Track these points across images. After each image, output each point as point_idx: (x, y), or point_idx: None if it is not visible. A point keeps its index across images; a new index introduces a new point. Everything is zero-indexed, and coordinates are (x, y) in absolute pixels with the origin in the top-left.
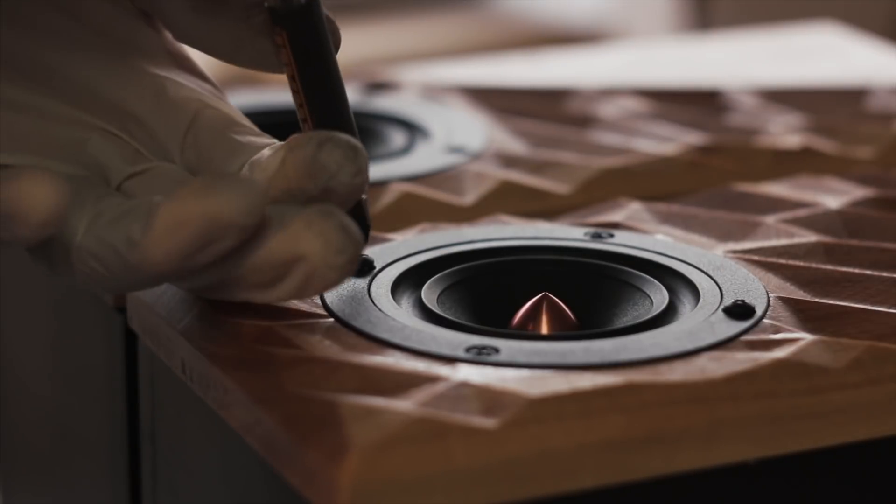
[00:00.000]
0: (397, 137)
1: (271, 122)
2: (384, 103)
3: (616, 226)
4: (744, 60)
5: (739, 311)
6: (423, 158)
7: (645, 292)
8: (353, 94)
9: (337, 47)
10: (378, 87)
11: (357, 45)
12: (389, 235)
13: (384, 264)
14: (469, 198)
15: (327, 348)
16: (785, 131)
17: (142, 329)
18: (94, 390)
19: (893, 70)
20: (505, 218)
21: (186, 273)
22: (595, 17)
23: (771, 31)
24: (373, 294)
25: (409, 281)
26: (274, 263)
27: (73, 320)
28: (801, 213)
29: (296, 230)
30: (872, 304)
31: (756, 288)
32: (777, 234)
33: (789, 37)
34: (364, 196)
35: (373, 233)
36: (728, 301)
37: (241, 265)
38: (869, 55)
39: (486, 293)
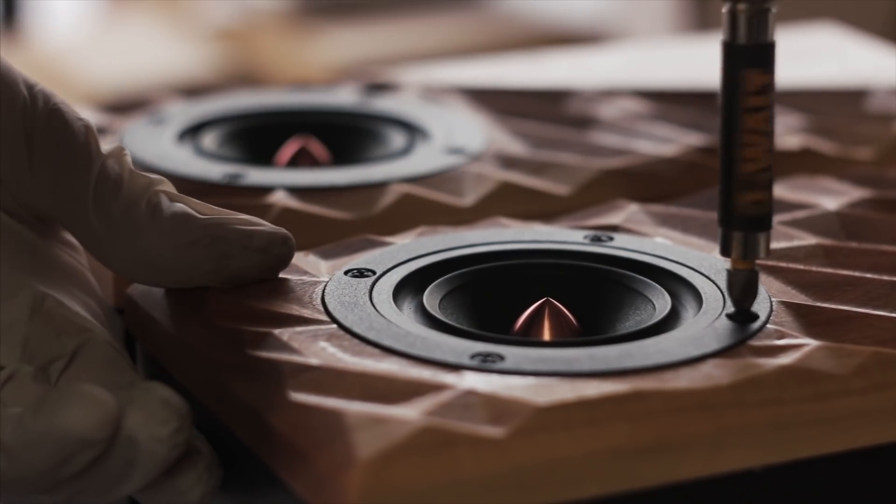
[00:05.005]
0: (397, 138)
1: (271, 123)
2: (384, 104)
3: (615, 228)
4: None
5: (743, 316)
6: (423, 159)
7: (647, 297)
8: (353, 95)
9: None
10: (378, 87)
11: (357, 45)
12: (388, 238)
13: (384, 269)
14: (468, 199)
15: (331, 356)
16: (784, 132)
17: (142, 335)
18: None
19: (893, 70)
20: (504, 220)
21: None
22: (595, 17)
23: None
24: (374, 300)
25: (410, 286)
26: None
27: None
28: (799, 214)
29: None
30: (874, 307)
31: (759, 292)
32: (776, 236)
33: (789, 37)
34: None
35: (371, 235)
36: (731, 306)
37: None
38: (869, 55)
39: (487, 298)
